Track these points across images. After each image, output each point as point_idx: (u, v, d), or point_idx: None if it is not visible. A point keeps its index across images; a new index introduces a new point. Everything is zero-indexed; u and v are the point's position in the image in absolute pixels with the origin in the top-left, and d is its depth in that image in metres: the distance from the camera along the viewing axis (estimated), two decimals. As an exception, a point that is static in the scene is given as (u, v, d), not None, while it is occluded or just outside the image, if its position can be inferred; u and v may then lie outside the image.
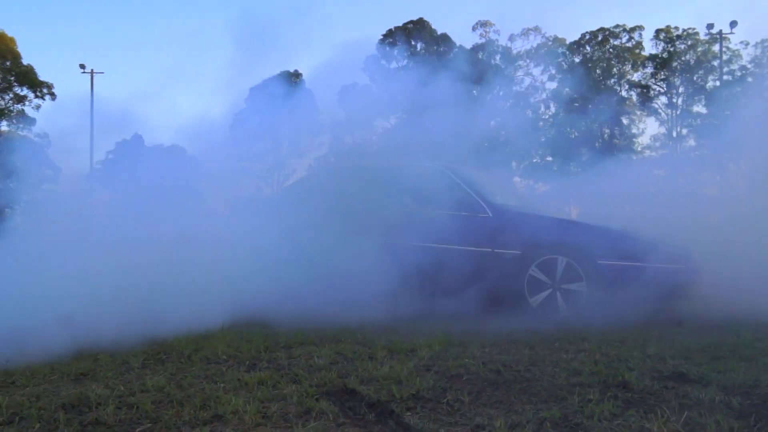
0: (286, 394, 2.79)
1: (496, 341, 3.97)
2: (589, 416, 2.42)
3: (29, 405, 2.64)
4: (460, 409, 2.57)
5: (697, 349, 3.61)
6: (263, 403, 2.65)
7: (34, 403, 2.67)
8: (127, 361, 3.54)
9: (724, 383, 2.81)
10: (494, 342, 3.95)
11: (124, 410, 2.58)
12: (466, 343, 3.90)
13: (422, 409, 2.56)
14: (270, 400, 2.70)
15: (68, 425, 2.39)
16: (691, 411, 2.43)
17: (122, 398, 2.76)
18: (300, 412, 2.53)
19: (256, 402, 2.64)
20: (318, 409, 2.56)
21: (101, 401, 2.69)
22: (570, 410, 2.50)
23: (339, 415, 2.49)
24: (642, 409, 2.50)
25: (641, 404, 2.56)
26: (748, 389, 2.73)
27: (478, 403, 2.65)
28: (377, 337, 4.10)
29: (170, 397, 2.75)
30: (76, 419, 2.46)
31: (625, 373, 2.99)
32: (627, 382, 2.85)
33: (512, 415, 2.47)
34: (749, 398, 2.61)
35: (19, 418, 2.49)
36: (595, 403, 2.55)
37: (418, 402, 2.67)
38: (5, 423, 2.43)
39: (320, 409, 2.55)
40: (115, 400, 2.72)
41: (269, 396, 2.76)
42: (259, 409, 2.55)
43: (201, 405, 2.61)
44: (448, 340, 3.96)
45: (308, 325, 4.50)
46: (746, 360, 3.32)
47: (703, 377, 2.93)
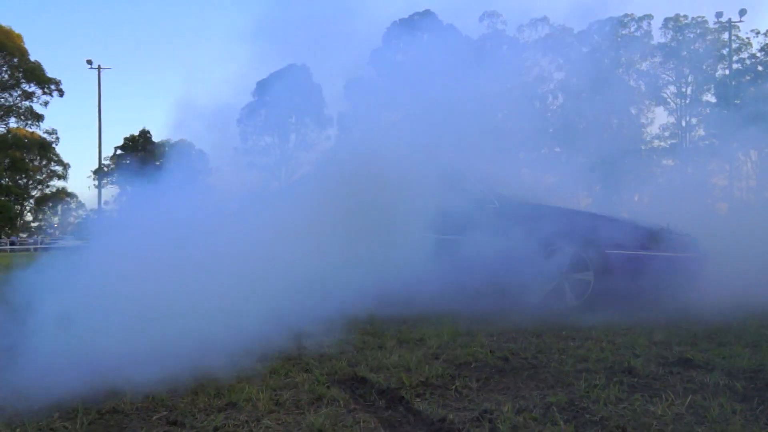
0: (298, 382, 2.84)
1: (504, 330, 4.02)
2: (595, 401, 2.46)
3: (47, 395, 2.70)
4: (469, 395, 2.62)
5: (704, 335, 3.65)
6: (276, 391, 2.71)
7: (51, 394, 2.73)
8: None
9: (729, 368, 2.85)
10: (502, 331, 4.00)
11: (141, 399, 2.64)
12: (474, 332, 3.95)
13: (431, 396, 2.62)
14: (282, 388, 2.76)
15: (87, 414, 2.45)
16: (696, 395, 2.48)
17: (138, 388, 2.81)
18: (312, 399, 2.59)
19: (269, 390, 2.70)
20: (329, 396, 2.61)
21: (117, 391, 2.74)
22: (576, 395, 2.54)
23: (350, 402, 2.54)
24: (647, 393, 2.54)
25: (646, 389, 2.61)
26: (753, 374, 2.77)
27: (486, 389, 2.70)
28: (386, 328, 4.15)
29: (185, 386, 2.80)
30: (94, 408, 2.52)
31: (631, 360, 3.03)
32: (633, 368, 2.89)
33: (519, 400, 2.52)
34: (753, 382, 2.65)
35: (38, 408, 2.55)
36: (600, 388, 2.60)
37: (427, 389, 2.72)
38: (25, 413, 2.49)
39: (331, 396, 2.61)
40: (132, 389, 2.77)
41: (281, 384, 2.82)
42: (271, 397, 2.60)
43: (215, 393, 2.67)
44: (456, 329, 4.00)
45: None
46: (752, 346, 3.35)
47: (709, 362, 2.97)
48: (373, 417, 2.35)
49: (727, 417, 2.27)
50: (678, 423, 2.22)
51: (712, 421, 2.24)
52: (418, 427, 2.24)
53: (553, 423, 2.22)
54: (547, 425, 2.21)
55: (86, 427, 2.29)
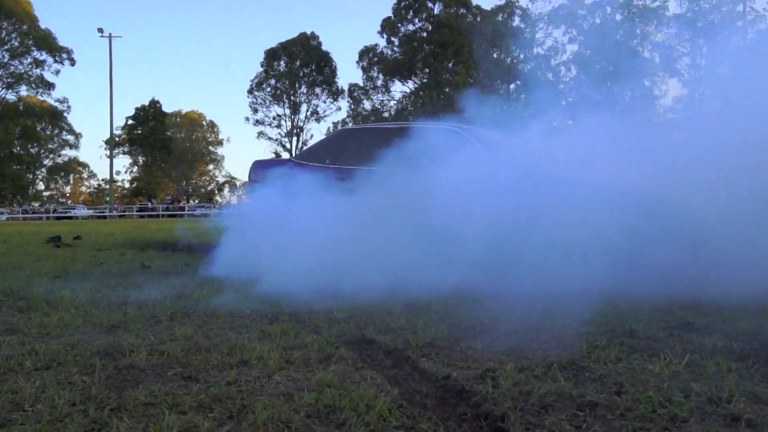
0: (308, 343, 2.94)
1: (510, 297, 4.08)
2: (596, 360, 2.54)
3: (65, 352, 2.80)
4: (473, 355, 2.70)
5: (707, 302, 3.69)
6: (286, 350, 2.80)
7: (70, 351, 2.82)
8: (155, 314, 3.71)
9: (728, 331, 2.91)
10: (508, 298, 4.06)
11: (156, 356, 2.74)
12: (480, 299, 4.01)
13: (437, 356, 2.70)
14: (292, 348, 2.85)
15: (104, 369, 2.54)
16: (693, 354, 2.55)
17: (153, 346, 2.91)
18: (321, 358, 2.67)
19: (280, 349, 2.79)
20: (338, 355, 2.70)
21: (134, 348, 2.85)
22: (577, 355, 2.62)
23: (357, 361, 2.63)
24: (646, 353, 2.62)
25: (646, 349, 2.68)
26: (751, 336, 2.83)
27: (491, 350, 2.78)
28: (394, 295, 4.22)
29: (198, 345, 2.90)
30: (111, 364, 2.61)
31: (633, 323, 3.10)
32: (634, 330, 2.96)
33: (522, 359, 2.60)
34: (751, 343, 2.71)
35: (57, 364, 2.64)
36: (601, 349, 2.67)
37: (432, 349, 2.80)
38: (44, 368, 2.59)
39: (340, 355, 2.70)
40: (147, 347, 2.88)
41: (292, 344, 2.91)
42: (282, 356, 2.69)
43: (228, 352, 2.77)
44: (462, 295, 4.07)
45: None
46: (753, 311, 3.39)
47: (709, 326, 3.03)
48: (379, 374, 2.44)
49: (723, 374, 2.34)
50: (675, 380, 2.29)
51: (708, 378, 2.30)
52: (422, 384, 2.32)
53: (553, 380, 2.30)
54: (547, 382, 2.28)
55: (104, 381, 2.38)
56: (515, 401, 2.10)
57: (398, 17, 33.86)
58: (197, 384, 2.33)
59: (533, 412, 2.01)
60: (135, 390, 2.26)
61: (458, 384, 2.28)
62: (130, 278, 5.47)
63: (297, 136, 37.70)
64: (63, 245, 10.34)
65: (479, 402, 2.09)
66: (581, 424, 1.91)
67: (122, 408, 2.08)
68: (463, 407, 2.08)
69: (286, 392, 2.22)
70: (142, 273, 5.93)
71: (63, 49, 33.32)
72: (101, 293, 4.54)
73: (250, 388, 2.27)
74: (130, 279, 5.41)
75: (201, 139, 78.04)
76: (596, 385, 2.25)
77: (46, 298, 4.26)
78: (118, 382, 2.39)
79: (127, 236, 13.34)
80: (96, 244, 10.55)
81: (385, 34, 34.18)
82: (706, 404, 2.05)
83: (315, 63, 35.84)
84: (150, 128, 59.79)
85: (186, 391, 2.25)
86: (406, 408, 2.06)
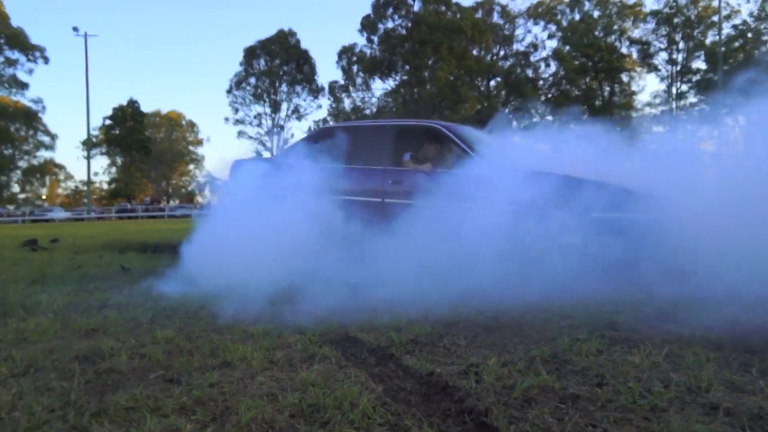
0: (291, 342, 2.92)
1: (492, 293, 4.09)
2: (577, 353, 2.56)
3: (44, 357, 2.76)
4: (456, 351, 2.71)
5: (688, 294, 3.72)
6: (269, 350, 2.79)
7: (48, 356, 2.79)
8: (136, 317, 3.67)
9: (708, 322, 2.95)
10: (489, 294, 4.06)
11: (137, 359, 2.71)
12: (462, 295, 4.02)
13: (420, 352, 2.70)
14: (276, 348, 2.84)
15: (83, 374, 2.51)
16: (672, 345, 2.58)
17: (134, 349, 2.88)
18: (304, 358, 2.67)
19: (263, 350, 2.78)
20: (321, 354, 2.70)
21: (114, 352, 2.82)
22: (560, 349, 2.64)
23: (341, 359, 2.63)
24: (627, 345, 2.65)
25: (626, 341, 2.71)
26: (730, 326, 2.87)
27: (474, 346, 2.79)
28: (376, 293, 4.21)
29: (180, 348, 2.88)
30: (91, 369, 2.58)
31: (614, 316, 3.13)
32: (614, 323, 2.99)
33: (505, 354, 2.61)
34: (729, 333, 2.75)
35: (35, 369, 2.60)
36: (583, 342, 2.70)
37: (416, 346, 2.81)
38: (21, 374, 2.55)
39: (323, 354, 2.69)
40: (128, 350, 2.85)
41: (275, 344, 2.90)
42: (265, 356, 2.68)
43: (210, 353, 2.75)
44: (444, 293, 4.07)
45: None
46: (731, 302, 3.43)
47: (689, 318, 3.06)
48: (363, 372, 2.44)
49: (701, 364, 2.38)
50: (654, 370, 2.32)
51: (687, 368, 2.34)
52: (406, 381, 2.33)
53: (536, 374, 2.32)
54: (530, 375, 2.30)
55: (83, 386, 2.35)
56: (498, 396, 2.11)
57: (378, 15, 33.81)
58: (179, 386, 2.31)
59: (516, 405, 2.02)
60: (115, 394, 2.23)
61: (442, 380, 2.29)
62: (109, 281, 5.41)
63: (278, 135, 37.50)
64: (39, 248, 10.19)
65: (463, 397, 2.10)
66: (563, 417, 1.93)
67: (103, 413, 2.06)
68: (447, 403, 2.09)
69: (270, 392, 2.21)
70: (121, 275, 5.86)
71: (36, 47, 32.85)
72: (80, 297, 4.48)
73: (233, 390, 2.26)
74: (110, 282, 5.35)
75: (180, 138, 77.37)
76: (578, 378, 2.27)
77: (22, 303, 4.19)
78: (98, 386, 2.36)
79: (105, 238, 13.18)
80: (74, 247, 10.41)
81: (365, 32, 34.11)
82: (686, 394, 2.08)
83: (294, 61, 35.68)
84: (128, 128, 59.06)
85: (168, 394, 2.23)
86: (390, 405, 2.06)
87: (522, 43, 34.96)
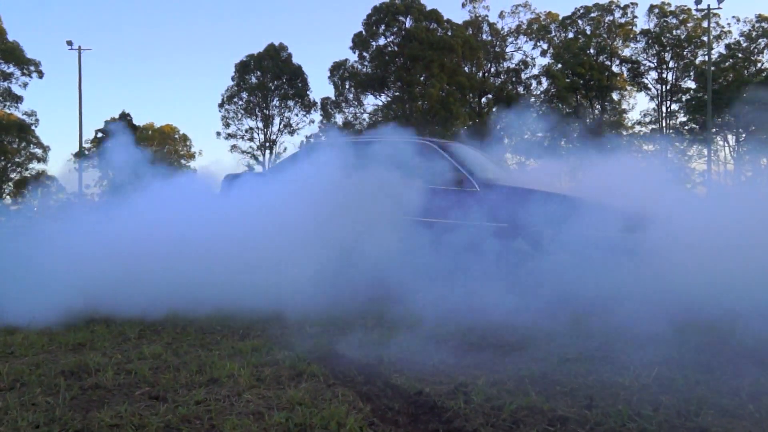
0: (279, 359, 2.90)
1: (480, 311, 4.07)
2: (567, 374, 2.55)
3: (30, 372, 2.73)
4: (445, 370, 2.69)
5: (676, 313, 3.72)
6: (257, 367, 2.76)
7: (34, 371, 2.76)
8: (124, 332, 3.64)
9: (698, 343, 2.95)
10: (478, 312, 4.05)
11: (123, 375, 2.68)
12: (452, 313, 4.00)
13: (409, 371, 2.68)
14: (263, 364, 2.82)
15: (69, 389, 2.48)
16: (662, 367, 2.58)
17: (120, 365, 2.86)
18: (292, 375, 2.64)
19: (250, 366, 2.76)
20: (309, 371, 2.67)
21: (100, 368, 2.79)
22: (549, 369, 2.63)
23: (329, 377, 2.61)
24: (616, 366, 2.64)
25: (616, 362, 2.71)
26: (721, 348, 2.88)
27: (462, 365, 2.78)
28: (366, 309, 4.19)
29: (167, 364, 2.85)
30: (77, 384, 2.55)
31: (603, 336, 3.12)
32: (604, 344, 2.98)
33: (494, 374, 2.60)
34: (719, 357, 2.75)
35: (20, 384, 2.58)
36: (572, 362, 2.69)
37: (405, 365, 2.79)
38: (7, 389, 2.52)
39: (311, 371, 2.67)
40: (114, 366, 2.82)
41: (263, 361, 2.87)
42: (253, 373, 2.66)
43: (197, 370, 2.72)
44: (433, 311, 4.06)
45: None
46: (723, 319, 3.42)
47: (678, 338, 3.06)
48: (351, 391, 2.42)
49: (691, 387, 2.38)
50: (644, 392, 2.31)
51: (677, 390, 2.33)
52: (395, 400, 2.31)
53: (525, 394, 2.31)
54: (518, 396, 2.29)
55: (68, 402, 2.33)
56: (487, 417, 2.10)
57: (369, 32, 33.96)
58: (165, 404, 2.29)
59: (505, 427, 2.01)
60: (100, 411, 2.20)
61: (430, 400, 2.27)
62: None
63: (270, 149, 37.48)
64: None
65: (451, 418, 2.08)
66: (552, 439, 1.92)
67: (87, 430, 2.03)
68: (435, 424, 2.07)
69: (256, 411, 2.19)
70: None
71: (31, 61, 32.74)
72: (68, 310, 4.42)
73: (219, 407, 2.23)
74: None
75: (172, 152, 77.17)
76: (567, 399, 2.26)
77: (9, 316, 4.14)
78: (84, 402, 2.34)
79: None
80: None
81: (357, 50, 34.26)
82: (675, 417, 2.07)
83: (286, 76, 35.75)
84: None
85: (153, 411, 2.20)
86: (377, 425, 2.05)
87: (512, 61, 35.23)
